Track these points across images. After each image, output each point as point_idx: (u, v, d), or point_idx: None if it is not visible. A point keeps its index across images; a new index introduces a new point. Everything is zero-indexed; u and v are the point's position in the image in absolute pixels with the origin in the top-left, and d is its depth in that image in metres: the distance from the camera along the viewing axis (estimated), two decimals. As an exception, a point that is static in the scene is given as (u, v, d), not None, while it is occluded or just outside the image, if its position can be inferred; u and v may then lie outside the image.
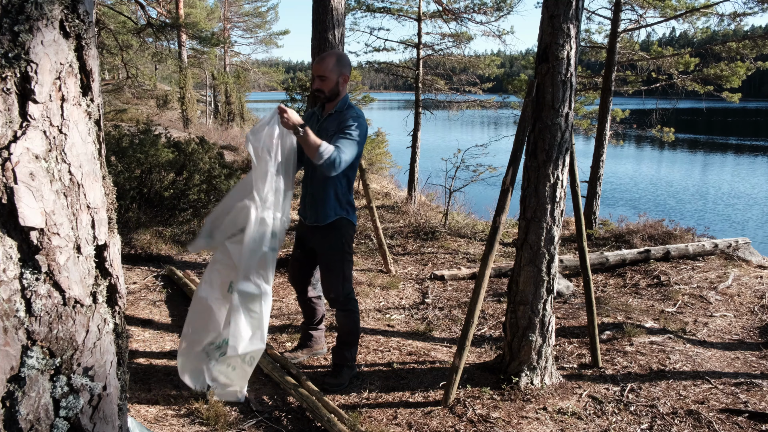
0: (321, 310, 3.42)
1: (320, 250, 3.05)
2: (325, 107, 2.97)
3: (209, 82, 23.49)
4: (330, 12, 4.83)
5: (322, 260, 3.06)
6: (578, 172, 3.24)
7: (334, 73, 2.84)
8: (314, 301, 3.34)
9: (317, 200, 2.95)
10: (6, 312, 0.90)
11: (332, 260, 3.01)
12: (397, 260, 5.79)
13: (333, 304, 3.10)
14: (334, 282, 3.03)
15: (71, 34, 0.98)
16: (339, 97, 2.92)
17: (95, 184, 1.06)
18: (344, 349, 3.17)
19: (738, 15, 8.55)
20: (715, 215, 14.34)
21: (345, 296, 3.07)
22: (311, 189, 2.97)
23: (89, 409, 1.06)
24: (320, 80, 2.85)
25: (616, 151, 25.32)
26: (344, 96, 2.94)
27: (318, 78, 2.86)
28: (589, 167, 8.60)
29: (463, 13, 10.76)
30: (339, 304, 3.08)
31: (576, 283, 5.13)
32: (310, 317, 3.41)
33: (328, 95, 2.88)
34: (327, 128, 2.88)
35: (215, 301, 2.73)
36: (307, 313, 3.41)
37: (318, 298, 3.36)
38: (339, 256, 3.00)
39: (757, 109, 57.79)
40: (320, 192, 2.92)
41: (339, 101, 2.92)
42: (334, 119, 2.89)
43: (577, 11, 2.88)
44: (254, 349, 2.64)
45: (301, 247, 3.18)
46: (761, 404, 3.03)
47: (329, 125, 2.88)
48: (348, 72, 2.91)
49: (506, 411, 2.90)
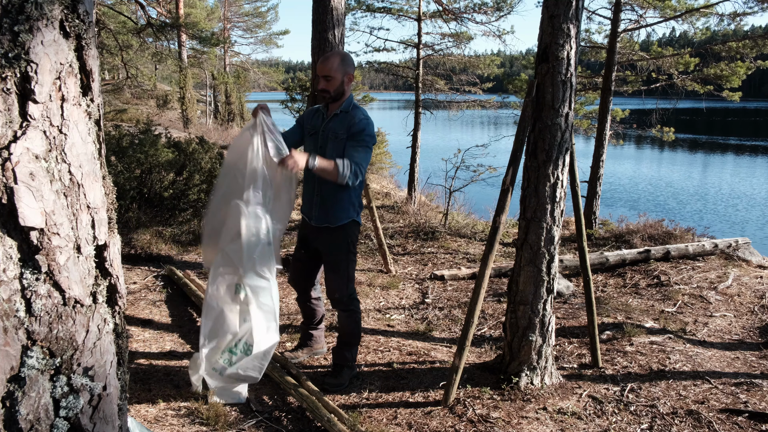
0: (321, 310, 3.41)
1: (326, 250, 3.04)
2: (330, 107, 2.94)
3: (209, 82, 23.50)
4: (330, 12, 4.83)
5: (328, 261, 3.05)
6: (578, 172, 3.24)
7: (339, 72, 2.82)
8: (314, 302, 3.33)
9: (328, 202, 2.93)
10: (6, 312, 0.90)
11: (338, 261, 3.01)
12: (397, 260, 5.79)
13: (336, 304, 3.09)
14: (339, 282, 3.02)
15: (71, 34, 0.98)
16: (344, 97, 2.90)
17: (95, 184, 1.06)
18: (345, 350, 3.17)
19: (738, 15, 8.55)
20: (715, 215, 14.34)
21: (348, 296, 3.07)
22: (322, 191, 2.93)
23: (89, 409, 1.06)
24: (325, 80, 2.83)
25: (616, 151, 25.32)
26: (349, 96, 2.93)
27: (323, 78, 2.84)
28: (589, 167, 8.60)
29: (463, 13, 10.76)
30: (342, 304, 3.07)
31: (576, 283, 5.13)
32: (310, 318, 3.41)
33: (333, 95, 2.86)
34: (334, 129, 2.86)
35: (226, 305, 2.74)
36: (307, 314, 3.40)
37: (318, 299, 3.36)
38: (345, 256, 3.00)
39: (757, 109, 57.78)
40: (333, 194, 2.90)
41: (344, 101, 2.91)
42: (341, 120, 2.87)
43: (577, 11, 2.88)
44: (272, 342, 2.65)
45: (304, 248, 3.16)
46: (761, 404, 3.03)
47: (336, 126, 2.87)
48: (353, 71, 2.90)
49: (506, 411, 2.90)
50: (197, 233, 5.95)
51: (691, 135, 33.45)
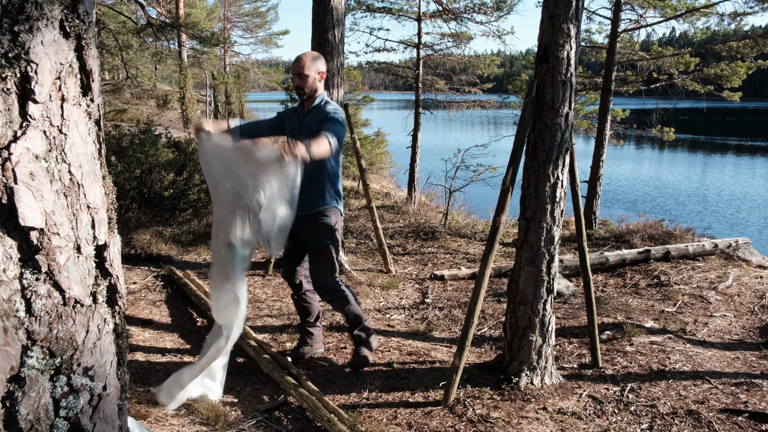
0: (316, 306, 3.47)
1: (310, 237, 3.17)
2: (305, 104, 3.15)
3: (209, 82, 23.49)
4: (330, 12, 4.84)
5: (312, 247, 3.18)
6: (578, 172, 3.24)
7: (311, 70, 3.04)
8: (308, 295, 3.41)
9: (306, 190, 3.01)
10: (6, 312, 0.90)
11: (322, 247, 3.15)
12: (397, 260, 5.79)
13: (322, 292, 3.22)
14: (323, 269, 3.16)
15: (71, 34, 0.98)
16: (317, 94, 3.11)
17: (95, 184, 1.06)
18: (354, 329, 3.35)
19: (738, 14, 8.55)
20: (715, 215, 14.34)
21: (333, 282, 3.20)
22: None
23: (89, 409, 1.06)
24: (299, 78, 3.05)
25: (616, 151, 25.31)
26: (322, 93, 3.13)
27: (297, 76, 3.06)
28: (589, 167, 8.60)
29: (463, 13, 10.76)
30: (328, 292, 3.21)
31: (576, 283, 5.13)
32: (306, 314, 3.46)
33: (307, 92, 3.07)
34: (308, 123, 3.07)
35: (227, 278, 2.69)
36: (301, 310, 3.45)
37: (312, 293, 3.42)
38: (327, 243, 3.14)
39: (757, 109, 57.75)
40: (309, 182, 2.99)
41: (317, 98, 3.11)
42: (314, 114, 3.07)
43: (577, 11, 2.88)
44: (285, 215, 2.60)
45: (292, 238, 3.25)
46: (761, 404, 3.03)
47: (310, 121, 3.07)
48: (324, 69, 3.10)
49: (506, 411, 2.90)
50: (197, 233, 5.95)
51: (691, 135, 33.44)
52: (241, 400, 2.95)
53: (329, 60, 5.01)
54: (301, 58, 3.06)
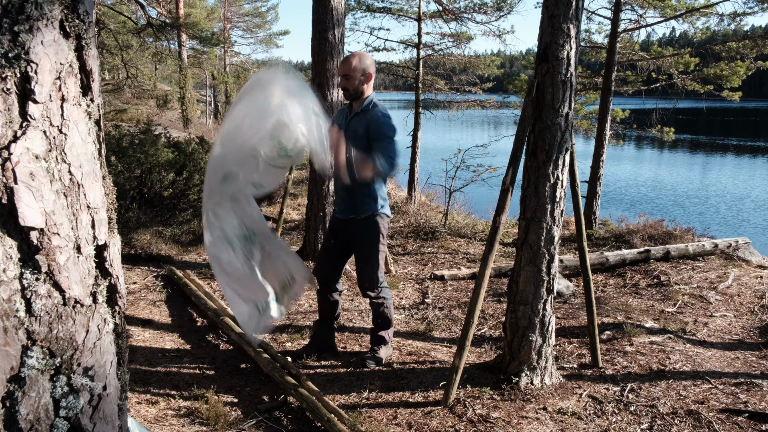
0: (339, 307, 3.49)
1: (357, 241, 3.21)
2: (352, 105, 3.14)
3: (209, 82, 23.50)
4: (330, 12, 4.84)
5: (359, 252, 3.22)
6: (578, 172, 3.24)
7: (356, 71, 3.02)
8: (335, 296, 3.42)
9: (354, 196, 3.10)
10: (6, 312, 0.90)
11: (369, 251, 3.19)
12: (397, 260, 5.79)
13: (367, 295, 3.27)
14: (371, 273, 3.21)
15: (71, 34, 0.98)
16: (364, 96, 3.08)
17: (95, 184, 1.06)
18: (380, 331, 3.40)
19: (738, 15, 8.54)
20: (715, 215, 14.33)
21: (378, 286, 3.24)
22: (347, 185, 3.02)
23: (89, 409, 1.05)
24: (344, 79, 3.05)
25: (616, 151, 25.29)
26: (369, 95, 3.09)
27: (342, 77, 3.06)
28: (589, 167, 8.59)
29: (463, 13, 10.75)
30: (373, 294, 3.25)
31: (576, 283, 5.13)
32: (329, 313, 3.44)
33: (352, 93, 3.07)
34: (354, 127, 3.04)
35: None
36: (325, 309, 3.43)
37: (339, 294, 3.45)
38: (373, 247, 3.17)
39: (757, 109, 57.72)
40: (357, 188, 3.04)
41: (365, 100, 3.08)
42: (361, 118, 3.06)
43: (577, 11, 2.88)
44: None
45: (334, 238, 3.32)
46: (761, 404, 3.03)
47: (356, 124, 3.05)
48: (372, 70, 3.06)
49: (506, 411, 2.90)
50: (197, 233, 5.95)
51: (691, 135, 33.43)
52: (241, 400, 2.95)
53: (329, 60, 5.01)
54: (347, 59, 3.06)
